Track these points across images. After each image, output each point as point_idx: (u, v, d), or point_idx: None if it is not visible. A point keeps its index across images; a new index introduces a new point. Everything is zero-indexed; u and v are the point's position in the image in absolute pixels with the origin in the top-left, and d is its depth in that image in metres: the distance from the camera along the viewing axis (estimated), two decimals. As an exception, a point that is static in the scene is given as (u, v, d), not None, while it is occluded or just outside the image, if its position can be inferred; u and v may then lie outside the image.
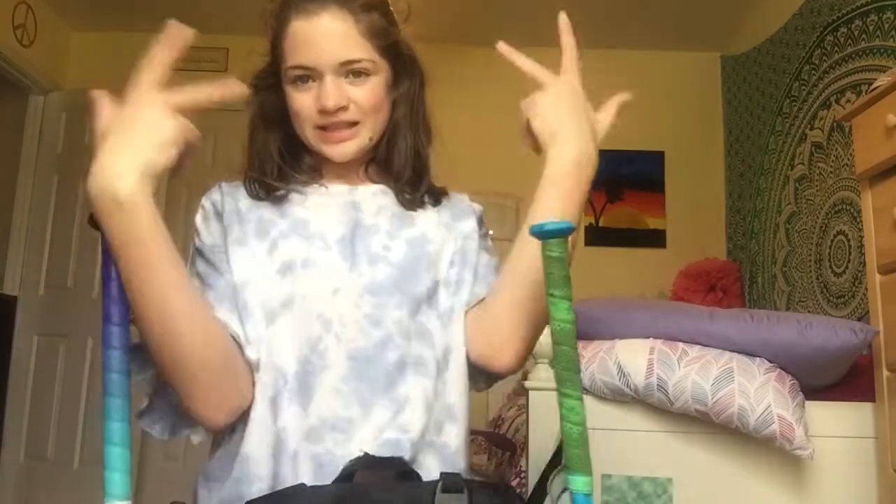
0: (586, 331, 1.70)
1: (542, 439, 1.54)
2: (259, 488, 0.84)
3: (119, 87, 0.79)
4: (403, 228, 1.00)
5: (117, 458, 0.75)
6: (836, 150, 2.68)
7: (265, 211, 0.97)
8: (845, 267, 2.56)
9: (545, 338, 1.52)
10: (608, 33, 3.78)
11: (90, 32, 3.93)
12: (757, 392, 1.47)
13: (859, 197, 1.68)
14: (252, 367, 0.87)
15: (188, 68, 0.83)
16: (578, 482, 0.78)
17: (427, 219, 1.03)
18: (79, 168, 3.65)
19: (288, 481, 0.83)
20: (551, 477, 1.45)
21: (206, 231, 0.96)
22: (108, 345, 0.78)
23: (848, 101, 2.59)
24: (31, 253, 3.66)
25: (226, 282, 0.91)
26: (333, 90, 0.94)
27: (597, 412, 1.58)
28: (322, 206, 0.99)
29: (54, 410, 3.46)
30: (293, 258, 0.92)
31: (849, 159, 2.54)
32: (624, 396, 1.57)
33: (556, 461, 1.12)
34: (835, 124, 2.69)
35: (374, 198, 1.02)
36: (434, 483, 0.78)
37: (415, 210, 1.03)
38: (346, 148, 0.98)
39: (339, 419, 0.86)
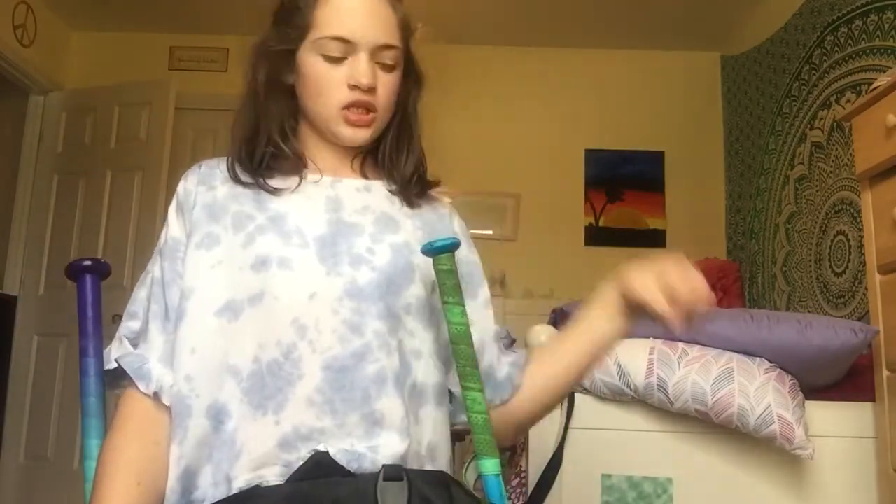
0: (586, 331, 1.70)
1: (542, 439, 1.54)
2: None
3: (119, 87, 0.80)
4: (387, 233, 0.95)
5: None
6: (836, 150, 2.68)
7: (244, 202, 0.93)
8: (845, 267, 2.56)
9: (544, 337, 1.53)
10: (608, 33, 3.78)
11: (90, 32, 3.94)
12: (757, 392, 1.47)
13: (859, 197, 1.68)
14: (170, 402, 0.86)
15: (189, 68, 0.82)
16: (488, 464, 0.88)
17: (408, 225, 0.98)
18: (79, 168, 3.66)
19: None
20: (465, 467, 1.50)
21: (175, 223, 0.95)
22: (86, 373, 0.91)
23: (848, 101, 2.59)
24: (31, 253, 3.66)
25: (170, 298, 0.90)
26: (369, 69, 0.93)
27: (597, 412, 1.58)
28: (303, 199, 0.95)
29: (54, 410, 3.46)
30: (269, 254, 0.88)
31: (849, 159, 2.54)
32: (624, 396, 1.57)
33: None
34: (835, 124, 2.69)
35: (359, 194, 0.98)
36: (376, 474, 0.81)
37: (411, 209, 1.00)
38: (362, 133, 0.96)
39: (311, 430, 0.83)
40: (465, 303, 0.89)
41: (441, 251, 0.88)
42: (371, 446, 0.84)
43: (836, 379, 1.68)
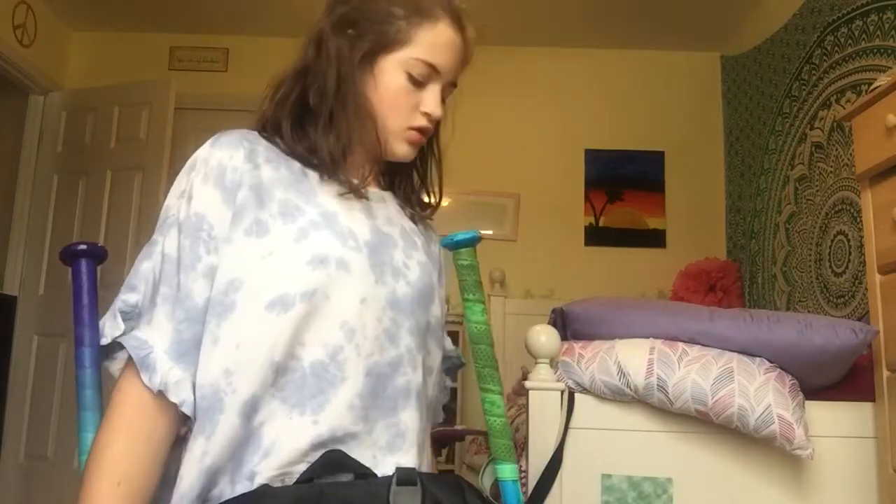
0: (586, 331, 1.70)
1: (542, 439, 1.54)
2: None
3: (119, 87, 0.80)
4: (412, 250, 0.97)
5: None
6: (836, 150, 2.68)
7: (289, 190, 0.90)
8: (845, 267, 2.56)
9: (544, 337, 1.53)
10: (608, 33, 3.78)
11: (90, 32, 3.94)
12: (757, 392, 1.47)
13: (859, 197, 1.68)
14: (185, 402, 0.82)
15: (189, 68, 0.82)
16: (506, 470, 0.85)
17: (420, 243, 1.00)
18: (79, 168, 3.66)
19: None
20: (481, 471, 1.49)
21: (207, 199, 0.87)
22: (81, 364, 0.86)
23: (848, 101, 2.59)
24: (31, 253, 3.66)
25: (186, 283, 0.84)
26: (440, 102, 0.98)
27: (597, 412, 1.58)
28: (345, 200, 0.93)
29: (54, 410, 3.46)
30: (327, 253, 0.86)
31: (849, 159, 2.54)
32: (624, 396, 1.57)
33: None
34: (835, 124, 2.69)
35: (380, 205, 0.99)
36: (389, 478, 0.80)
37: (415, 226, 1.03)
38: (412, 154, 1.00)
39: (346, 434, 0.83)
40: (484, 300, 0.89)
41: (462, 245, 0.87)
42: (394, 456, 0.85)
43: (836, 379, 1.68)
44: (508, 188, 3.82)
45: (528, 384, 1.58)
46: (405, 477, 0.80)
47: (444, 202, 1.11)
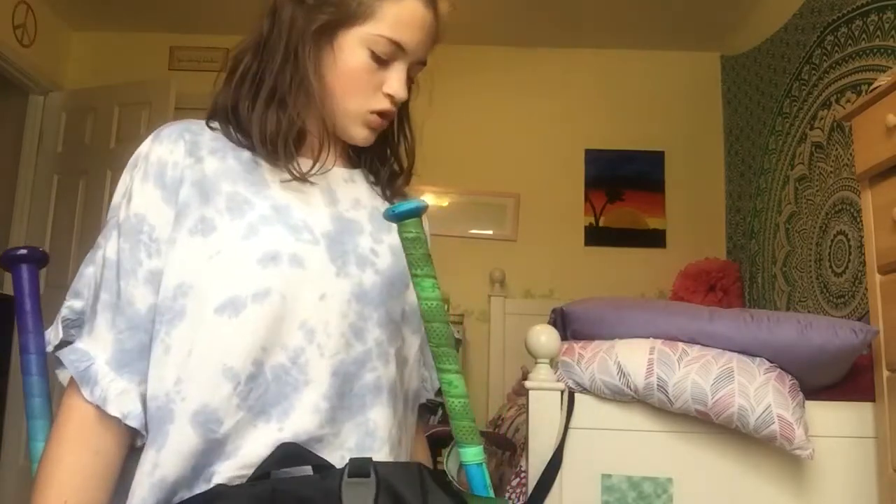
0: (586, 331, 1.70)
1: (542, 439, 1.54)
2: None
3: (119, 87, 0.79)
4: (384, 233, 0.90)
5: None
6: (836, 150, 2.68)
7: (237, 182, 0.83)
8: (845, 267, 2.56)
9: (544, 337, 1.53)
10: (608, 33, 3.78)
11: (90, 32, 3.94)
12: (757, 392, 1.47)
13: (859, 197, 1.68)
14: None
15: (189, 68, 0.82)
16: (469, 453, 0.80)
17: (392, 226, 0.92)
18: (79, 168, 3.66)
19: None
20: (445, 456, 1.42)
21: (146, 198, 0.81)
22: (28, 371, 0.84)
23: (848, 101, 2.59)
24: (31, 253, 3.66)
25: (126, 289, 0.78)
26: (405, 82, 0.89)
27: (597, 412, 1.58)
28: (299, 189, 0.87)
29: (54, 410, 3.45)
30: (278, 250, 0.80)
31: (849, 159, 2.54)
32: (624, 396, 1.57)
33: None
34: (835, 124, 2.69)
35: (347, 186, 0.92)
36: (342, 470, 0.75)
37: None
38: (372, 137, 0.91)
39: (310, 438, 0.79)
40: (435, 274, 0.82)
41: (406, 216, 0.79)
42: (364, 455, 0.80)
43: (836, 379, 1.68)
44: (508, 188, 3.82)
45: (528, 384, 1.58)
46: (358, 468, 0.74)
47: (444, 202, 1.08)
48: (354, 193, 0.92)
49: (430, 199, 3.37)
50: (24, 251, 0.89)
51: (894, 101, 1.49)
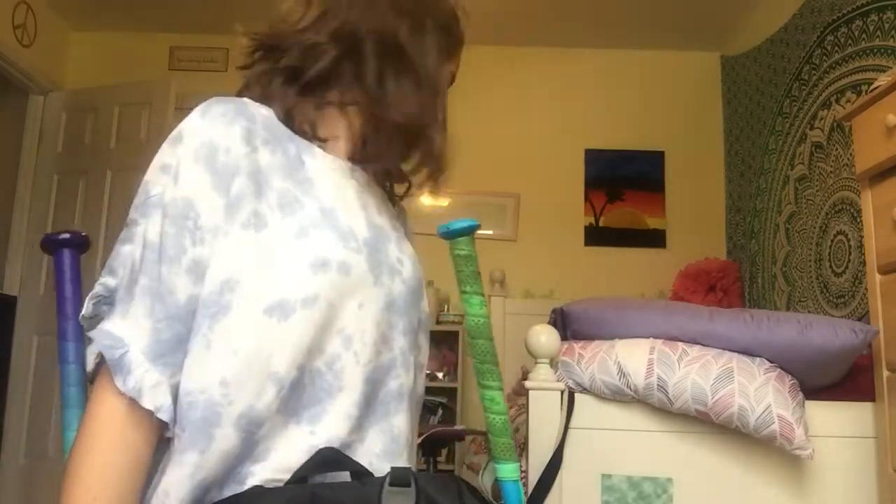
0: (586, 331, 1.70)
1: (542, 439, 1.54)
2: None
3: (119, 87, 0.79)
4: (403, 241, 0.90)
5: None
6: (836, 150, 2.68)
7: (284, 177, 0.81)
8: (845, 267, 2.56)
9: (544, 337, 1.53)
10: (608, 33, 3.78)
11: (90, 32, 3.94)
12: (757, 392, 1.47)
13: (859, 197, 1.68)
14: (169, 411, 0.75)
15: (189, 68, 0.81)
16: (506, 470, 0.82)
17: (405, 232, 0.93)
18: (79, 168, 3.66)
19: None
20: (481, 470, 1.43)
21: (197, 183, 0.77)
22: (65, 360, 0.80)
23: (848, 101, 2.59)
24: (31, 253, 3.66)
25: (167, 275, 0.75)
26: None
27: (597, 412, 1.58)
28: (338, 187, 0.85)
29: (54, 410, 3.45)
30: (329, 257, 0.78)
31: (849, 159, 2.54)
32: (624, 396, 1.57)
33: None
34: (835, 124, 2.69)
35: (367, 187, 0.91)
36: (383, 478, 0.74)
37: (392, 207, 0.97)
38: None
39: (342, 444, 0.79)
40: (482, 292, 0.85)
41: (460, 234, 0.81)
42: (388, 465, 0.80)
43: (836, 379, 1.68)
44: (508, 188, 3.82)
45: (528, 384, 1.58)
46: (399, 477, 0.74)
47: (444, 202, 1.09)
48: (372, 195, 0.91)
49: (429, 198, 3.36)
50: (66, 235, 0.86)
51: (894, 101, 1.49)
